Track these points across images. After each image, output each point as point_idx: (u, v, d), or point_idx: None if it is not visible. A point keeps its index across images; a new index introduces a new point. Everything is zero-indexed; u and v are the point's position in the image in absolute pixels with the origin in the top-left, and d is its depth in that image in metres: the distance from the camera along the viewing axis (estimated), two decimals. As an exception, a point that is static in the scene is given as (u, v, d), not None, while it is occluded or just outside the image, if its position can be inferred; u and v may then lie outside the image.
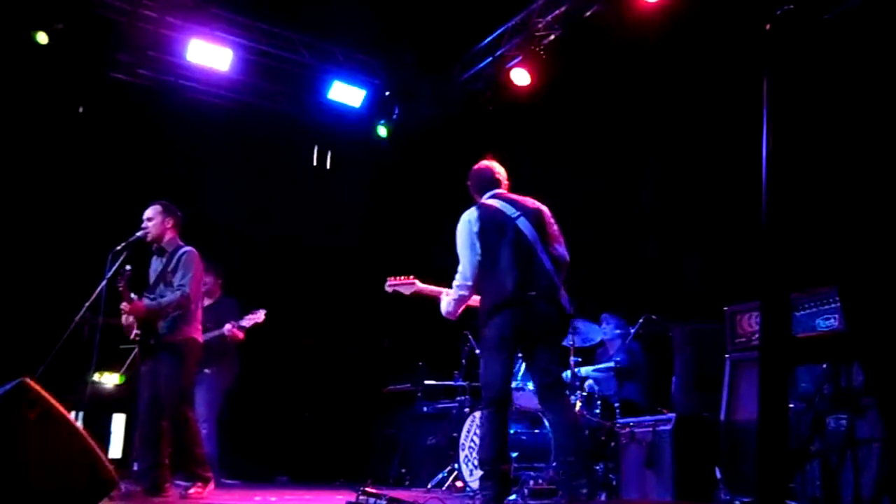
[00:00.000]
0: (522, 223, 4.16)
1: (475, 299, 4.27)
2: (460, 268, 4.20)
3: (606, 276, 6.69)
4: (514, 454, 5.21)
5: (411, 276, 4.72)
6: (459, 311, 4.30)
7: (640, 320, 5.60)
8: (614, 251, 6.90)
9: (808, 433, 3.10)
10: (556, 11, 7.52)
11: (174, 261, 4.93)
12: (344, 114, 8.95)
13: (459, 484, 5.97)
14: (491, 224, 4.16)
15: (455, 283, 4.23)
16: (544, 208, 4.33)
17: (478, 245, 4.12)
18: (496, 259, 4.08)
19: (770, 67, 1.71)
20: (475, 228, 4.15)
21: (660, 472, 4.58)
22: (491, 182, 4.42)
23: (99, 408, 6.36)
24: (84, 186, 7.54)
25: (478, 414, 5.95)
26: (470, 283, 4.16)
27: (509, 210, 4.21)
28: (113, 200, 7.09)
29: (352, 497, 4.00)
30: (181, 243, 5.04)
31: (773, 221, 1.64)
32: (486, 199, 4.35)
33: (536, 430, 5.48)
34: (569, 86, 7.50)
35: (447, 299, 4.30)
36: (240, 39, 8.06)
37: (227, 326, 6.21)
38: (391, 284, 4.76)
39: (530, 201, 4.33)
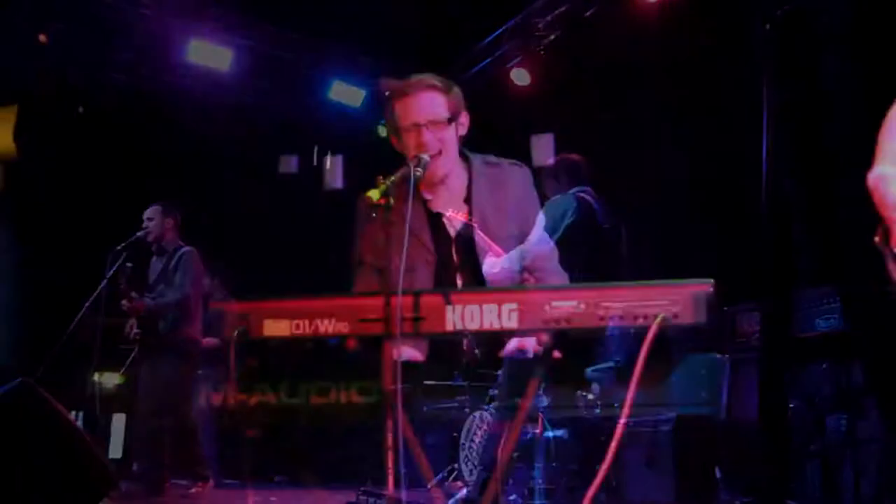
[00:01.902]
0: (610, 234, 3.90)
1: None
2: (525, 246, 3.60)
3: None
4: (515, 454, 5.20)
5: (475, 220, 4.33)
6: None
7: (640, 320, 5.58)
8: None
9: (808, 433, 3.10)
10: (556, 11, 7.51)
11: (174, 260, 4.94)
12: (344, 114, 8.95)
13: (459, 484, 5.96)
14: (584, 221, 3.83)
15: (511, 255, 3.63)
16: (623, 227, 4.05)
17: (558, 234, 3.70)
18: (576, 258, 3.68)
19: (770, 67, 1.72)
20: (568, 219, 3.78)
21: (660, 472, 4.58)
22: (582, 176, 4.09)
23: (99, 408, 6.35)
24: (84, 186, 7.53)
25: (478, 414, 5.94)
26: (518, 267, 3.57)
27: (601, 216, 3.90)
28: (113, 200, 7.09)
29: (352, 497, 3.99)
30: (181, 243, 5.06)
31: (773, 221, 1.64)
32: (579, 193, 3.96)
33: (537, 431, 5.47)
34: (569, 86, 7.49)
35: (495, 262, 3.66)
36: (240, 39, 8.05)
37: None
38: (451, 215, 4.30)
39: (610, 213, 4.03)
